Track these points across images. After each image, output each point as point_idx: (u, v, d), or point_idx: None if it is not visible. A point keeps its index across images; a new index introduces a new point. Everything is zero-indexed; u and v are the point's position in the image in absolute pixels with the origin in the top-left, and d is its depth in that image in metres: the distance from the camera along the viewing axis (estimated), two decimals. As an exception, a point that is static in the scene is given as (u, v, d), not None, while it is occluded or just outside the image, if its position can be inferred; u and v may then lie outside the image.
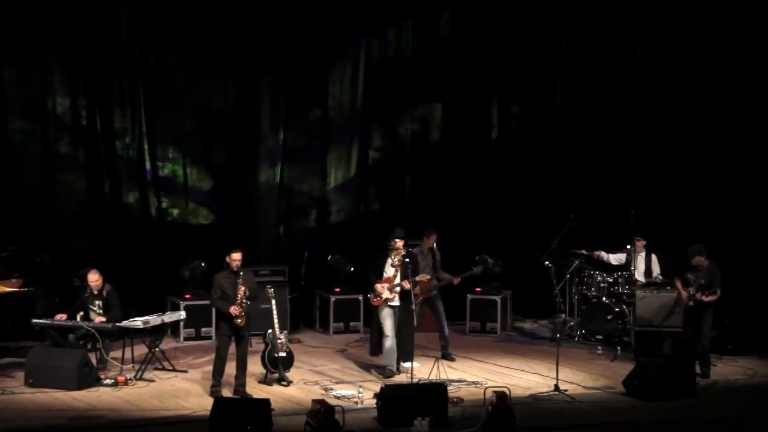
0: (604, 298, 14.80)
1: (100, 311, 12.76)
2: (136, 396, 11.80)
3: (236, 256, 11.84)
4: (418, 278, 12.72)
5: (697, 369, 12.63)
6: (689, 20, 15.79)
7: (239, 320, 11.75)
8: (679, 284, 13.12)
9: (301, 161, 16.32)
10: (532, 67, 16.62)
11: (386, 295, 12.76)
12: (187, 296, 14.72)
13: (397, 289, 12.71)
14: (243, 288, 11.78)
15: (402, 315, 12.79)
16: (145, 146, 15.34)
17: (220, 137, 15.78)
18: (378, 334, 13.22)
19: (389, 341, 12.77)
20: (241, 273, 11.87)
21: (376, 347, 13.50)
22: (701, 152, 15.78)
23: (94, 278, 12.80)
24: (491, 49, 16.54)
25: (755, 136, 15.61)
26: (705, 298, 12.75)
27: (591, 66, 16.42)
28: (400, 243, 12.76)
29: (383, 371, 12.86)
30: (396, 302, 12.77)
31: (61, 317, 12.65)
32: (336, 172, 16.44)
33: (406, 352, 12.97)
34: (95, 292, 12.84)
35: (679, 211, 15.55)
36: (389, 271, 12.83)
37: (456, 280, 14.09)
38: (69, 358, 12.10)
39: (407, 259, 12.69)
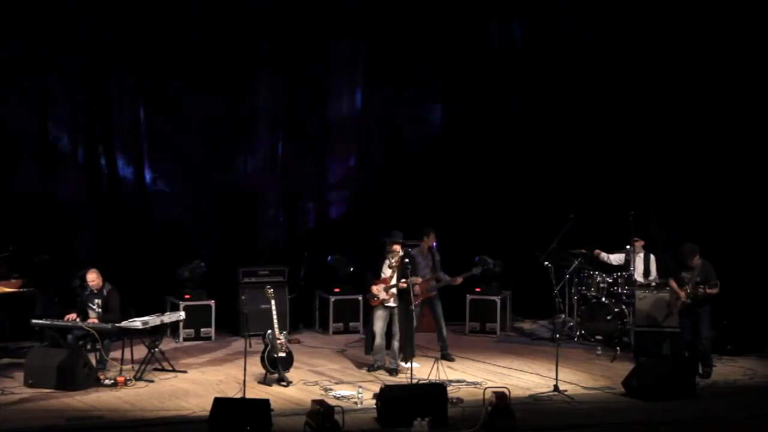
0: (603, 299, 14.78)
1: (99, 310, 12.75)
2: (135, 396, 11.78)
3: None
4: (412, 280, 12.73)
5: (699, 369, 12.64)
6: (689, 19, 15.77)
7: None
8: (674, 284, 13.11)
9: (301, 162, 16.32)
10: (531, 64, 16.61)
11: (382, 296, 12.84)
12: (187, 296, 14.73)
13: (393, 290, 12.79)
14: None
15: (401, 315, 12.84)
16: (145, 146, 15.34)
17: (220, 137, 15.77)
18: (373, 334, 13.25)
19: (378, 339, 12.94)
20: None
21: (371, 346, 13.54)
22: (701, 152, 15.75)
23: (92, 277, 12.79)
24: (489, 40, 16.54)
25: (755, 137, 15.59)
26: (708, 291, 12.72)
27: (590, 65, 16.40)
28: (397, 247, 12.82)
29: (371, 366, 13.05)
30: (392, 303, 12.87)
31: (69, 317, 12.64)
32: (335, 172, 16.43)
33: (407, 352, 12.97)
34: (95, 291, 12.84)
35: (679, 211, 15.53)
36: (386, 272, 12.89)
37: (457, 281, 14.08)
38: (68, 358, 12.06)
39: (407, 260, 12.72)
